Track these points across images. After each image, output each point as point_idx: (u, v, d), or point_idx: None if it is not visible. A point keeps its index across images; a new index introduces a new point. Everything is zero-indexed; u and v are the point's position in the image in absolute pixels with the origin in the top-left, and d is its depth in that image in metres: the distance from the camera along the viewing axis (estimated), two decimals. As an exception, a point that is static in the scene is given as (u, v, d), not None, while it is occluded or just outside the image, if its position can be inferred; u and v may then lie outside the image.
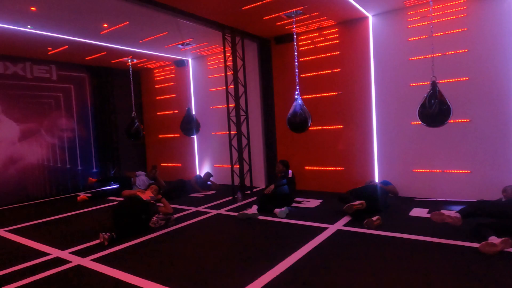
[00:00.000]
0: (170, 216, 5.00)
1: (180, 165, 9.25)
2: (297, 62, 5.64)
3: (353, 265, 3.22)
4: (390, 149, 6.03)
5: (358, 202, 4.61)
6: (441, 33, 5.40)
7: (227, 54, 6.58)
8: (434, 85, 4.43)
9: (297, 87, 5.56)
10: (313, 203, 5.82)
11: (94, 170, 8.95)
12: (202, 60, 8.53)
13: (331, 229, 4.34)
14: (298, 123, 5.49)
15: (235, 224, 4.88)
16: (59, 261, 3.74)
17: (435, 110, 4.38)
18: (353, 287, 2.80)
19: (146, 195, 5.02)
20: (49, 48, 6.96)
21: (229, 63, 6.59)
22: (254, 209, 5.20)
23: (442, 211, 3.70)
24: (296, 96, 5.49)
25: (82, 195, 7.37)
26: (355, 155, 6.41)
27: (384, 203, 5.06)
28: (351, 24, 6.29)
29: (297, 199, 6.01)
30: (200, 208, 5.91)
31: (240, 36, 6.70)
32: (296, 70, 5.69)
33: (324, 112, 6.66)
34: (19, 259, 3.84)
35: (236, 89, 6.50)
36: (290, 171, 5.94)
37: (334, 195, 6.17)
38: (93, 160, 8.97)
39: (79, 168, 8.64)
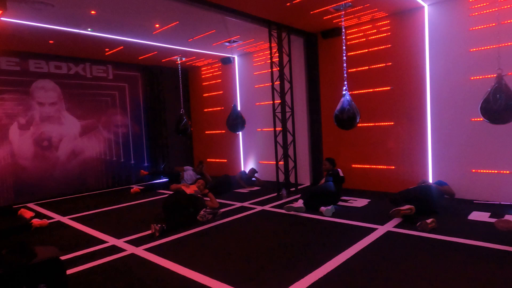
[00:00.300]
0: (217, 210, 5.11)
1: (226, 160, 9.43)
2: (345, 56, 5.46)
3: (404, 270, 3.06)
4: (447, 147, 5.63)
5: (406, 207, 4.36)
6: (510, 21, 4.91)
7: (273, 50, 6.55)
8: (500, 78, 4.05)
9: (345, 83, 5.38)
10: (360, 202, 5.63)
11: (146, 164, 9.44)
12: (248, 57, 8.60)
13: (381, 230, 4.16)
14: (346, 120, 5.31)
15: (280, 221, 4.86)
16: (115, 249, 3.99)
17: (500, 106, 4.01)
18: (406, 293, 2.66)
19: (191, 189, 5.19)
20: (106, 49, 7.42)
21: (275, 59, 6.57)
22: (300, 203, 5.17)
23: (508, 218, 3.37)
24: (343, 92, 5.31)
25: (135, 188, 7.81)
26: (406, 153, 6.09)
27: (439, 205, 4.74)
28: (405, 15, 5.95)
29: (343, 197, 5.85)
30: (245, 204, 5.97)
31: (286, 31, 6.65)
32: (344, 65, 5.52)
33: (374, 108, 6.40)
34: (81, 245, 4.16)
35: (282, 85, 6.46)
36: (339, 170, 5.80)
37: (383, 195, 5.94)
38: (144, 154, 9.45)
39: (132, 162, 9.15)
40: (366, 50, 6.46)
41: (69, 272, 3.27)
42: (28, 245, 2.61)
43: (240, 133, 8.79)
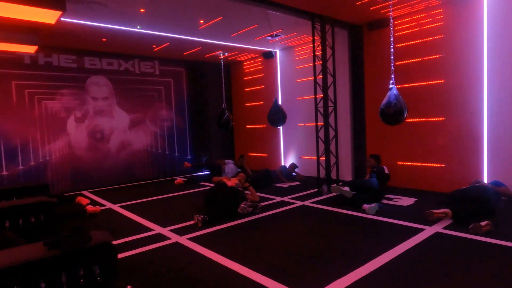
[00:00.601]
0: (257, 204, 5.16)
1: (266, 155, 9.47)
2: (393, 48, 5.21)
3: (451, 273, 2.89)
4: (505, 145, 5.20)
5: (442, 210, 4.17)
6: None
7: (316, 44, 6.43)
8: None
9: (392, 76, 5.15)
10: (406, 201, 5.39)
11: (189, 157, 9.75)
12: (290, 51, 8.52)
13: (428, 231, 3.96)
14: (392, 115, 5.08)
15: (321, 217, 4.80)
16: (161, 237, 4.18)
17: None
18: (456, 298, 2.52)
19: (232, 182, 5.29)
20: (153, 46, 7.74)
21: (318, 53, 6.44)
22: (347, 189, 5.11)
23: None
24: (390, 86, 5.08)
25: (179, 179, 8.11)
26: (458, 151, 5.71)
27: (496, 207, 4.40)
28: (460, 3, 5.54)
29: (387, 195, 5.64)
30: (285, 198, 5.97)
31: (330, 24, 6.48)
32: (392, 57, 5.27)
33: (423, 102, 6.06)
34: (130, 232, 4.42)
35: (324, 79, 6.33)
36: (385, 167, 5.60)
37: (431, 194, 5.66)
38: (188, 147, 9.77)
39: (176, 154, 9.50)
40: (416, 42, 6.12)
41: (119, 256, 3.49)
42: (85, 229, 2.81)
43: (281, 127, 8.77)
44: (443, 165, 5.91)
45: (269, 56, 8.89)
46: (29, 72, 7.19)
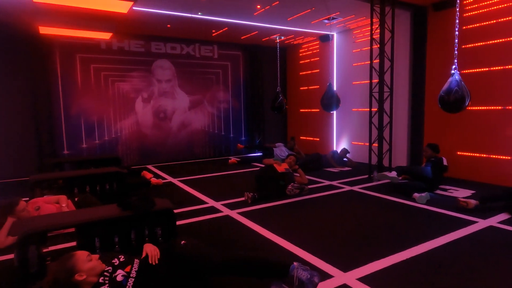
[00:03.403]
0: (305, 186, 5.33)
1: (318, 139, 9.50)
2: (458, 31, 4.88)
3: (499, 269, 2.82)
4: None
5: (467, 200, 4.03)
6: None
7: (375, 26, 6.24)
8: None
9: (455, 61, 4.85)
10: (462, 193, 5.16)
11: (243, 138, 10.15)
12: (347, 34, 8.32)
13: (481, 224, 3.82)
14: (453, 102, 4.81)
15: (369, 203, 4.83)
16: (213, 210, 4.59)
17: None
18: (498, 290, 2.49)
19: (282, 167, 5.47)
20: (213, 31, 8.10)
21: (376, 36, 6.25)
22: (394, 174, 5.06)
23: None
24: (452, 71, 4.80)
25: (233, 159, 8.55)
26: (529, 143, 5.26)
27: None
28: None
29: (442, 186, 5.44)
30: (334, 183, 6.05)
31: (390, 5, 6.22)
32: (456, 40, 4.95)
33: (490, 90, 5.63)
34: (187, 203, 4.90)
35: (381, 63, 6.16)
36: (444, 158, 5.38)
37: (492, 187, 5.33)
38: (242, 129, 10.17)
39: (231, 135, 9.95)
40: (486, 23, 5.64)
41: (177, 223, 3.94)
42: (151, 196, 3.25)
43: (335, 112, 8.70)
44: (509, 157, 5.49)
45: (325, 39, 8.77)
46: (105, 56, 8.02)
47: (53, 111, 7.54)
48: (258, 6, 6.34)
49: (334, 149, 8.68)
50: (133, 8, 6.00)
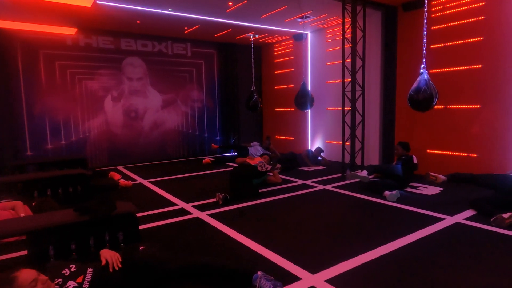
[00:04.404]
0: (278, 169, 5.37)
1: (293, 138, 9.49)
2: (426, 31, 4.96)
3: (466, 264, 2.84)
4: (545, 136, 4.88)
5: (510, 214, 3.60)
6: None
7: (346, 26, 6.26)
8: None
9: (423, 60, 4.93)
10: (431, 190, 5.26)
11: (218, 137, 10.01)
12: (320, 33, 8.35)
13: (449, 220, 3.88)
14: (422, 101, 4.88)
15: (341, 201, 4.83)
16: (183, 212, 4.44)
17: None
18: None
19: (255, 161, 5.43)
20: (185, 28, 7.90)
21: (348, 35, 6.28)
22: (365, 173, 5.07)
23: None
24: (421, 70, 4.88)
25: (207, 159, 8.39)
26: (493, 140, 5.43)
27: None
28: (505, -19, 5.14)
29: (413, 184, 5.52)
30: (308, 182, 6.03)
31: (361, 5, 6.27)
32: (424, 40, 5.03)
33: (457, 89, 5.78)
34: (155, 206, 4.72)
35: (353, 62, 6.19)
36: (414, 156, 5.46)
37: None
38: (217, 128, 10.02)
39: (206, 135, 9.79)
40: (454, 24, 5.78)
41: (143, 227, 3.77)
42: (112, 199, 3.07)
43: (309, 111, 8.71)
44: (475, 155, 5.66)
45: (299, 38, 8.77)
46: (71, 53, 7.65)
47: (14, 110, 7.12)
48: (230, 3, 6.22)
49: (309, 148, 8.70)
50: (98, 2, 5.74)
